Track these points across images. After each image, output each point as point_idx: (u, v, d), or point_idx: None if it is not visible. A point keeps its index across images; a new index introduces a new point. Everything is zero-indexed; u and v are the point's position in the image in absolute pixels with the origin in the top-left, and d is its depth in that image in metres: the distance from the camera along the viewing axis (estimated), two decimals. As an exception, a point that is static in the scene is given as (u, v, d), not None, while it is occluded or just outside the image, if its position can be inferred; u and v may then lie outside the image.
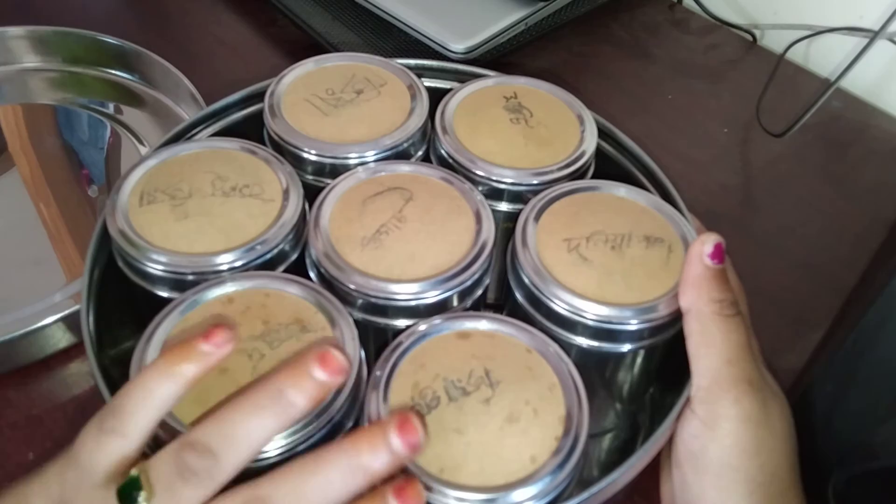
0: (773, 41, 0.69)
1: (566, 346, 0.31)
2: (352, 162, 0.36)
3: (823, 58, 0.66)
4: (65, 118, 0.57)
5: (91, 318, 0.32)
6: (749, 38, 0.69)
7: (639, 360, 0.34)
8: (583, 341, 0.31)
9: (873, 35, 0.58)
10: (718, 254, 0.31)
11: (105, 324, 0.33)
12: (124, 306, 0.34)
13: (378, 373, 0.29)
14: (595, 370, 0.33)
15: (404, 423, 0.25)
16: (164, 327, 0.29)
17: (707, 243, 0.31)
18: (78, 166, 0.54)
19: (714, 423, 0.29)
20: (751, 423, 0.29)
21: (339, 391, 0.28)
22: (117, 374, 0.30)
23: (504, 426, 0.27)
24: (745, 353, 0.30)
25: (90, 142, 0.56)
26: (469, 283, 0.32)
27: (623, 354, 0.32)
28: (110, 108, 0.58)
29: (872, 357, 0.36)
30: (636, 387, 0.36)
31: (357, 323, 0.31)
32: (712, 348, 0.30)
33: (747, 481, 0.29)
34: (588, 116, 0.39)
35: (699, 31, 0.70)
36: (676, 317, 0.32)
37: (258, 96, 0.40)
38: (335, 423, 0.28)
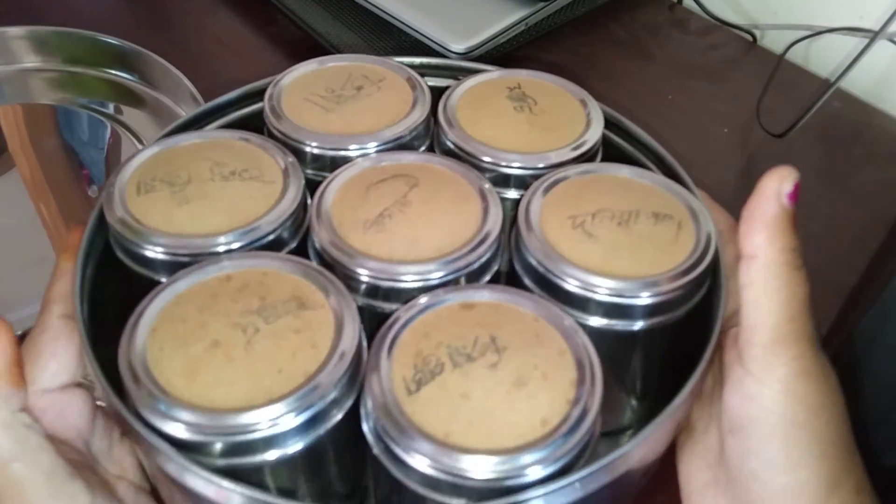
0: (773, 41, 0.69)
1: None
2: (353, 154, 0.36)
3: (823, 58, 0.66)
4: (65, 118, 0.58)
5: (85, 311, 0.31)
6: (749, 38, 0.69)
7: (651, 339, 0.32)
8: (593, 320, 0.30)
9: (873, 35, 0.58)
10: (796, 195, 0.27)
11: (100, 318, 0.32)
12: (121, 300, 0.33)
13: (379, 343, 0.28)
14: (606, 352, 0.32)
15: None
16: (157, 304, 0.29)
17: (787, 180, 0.27)
18: (78, 167, 0.54)
19: (773, 381, 0.27)
20: (812, 379, 0.27)
21: (338, 368, 0.27)
22: (115, 371, 0.30)
23: (512, 390, 0.27)
24: (808, 309, 0.27)
25: (90, 142, 0.56)
26: (476, 265, 0.31)
27: (635, 334, 0.31)
28: (110, 109, 0.58)
29: (873, 357, 0.36)
30: (649, 368, 0.35)
31: (361, 309, 0.30)
32: (777, 303, 0.27)
33: (817, 440, 0.26)
34: (593, 103, 0.39)
35: (699, 31, 0.70)
36: (690, 290, 0.30)
37: (257, 94, 0.40)
38: (331, 401, 0.27)
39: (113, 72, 0.60)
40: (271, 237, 0.32)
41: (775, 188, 0.27)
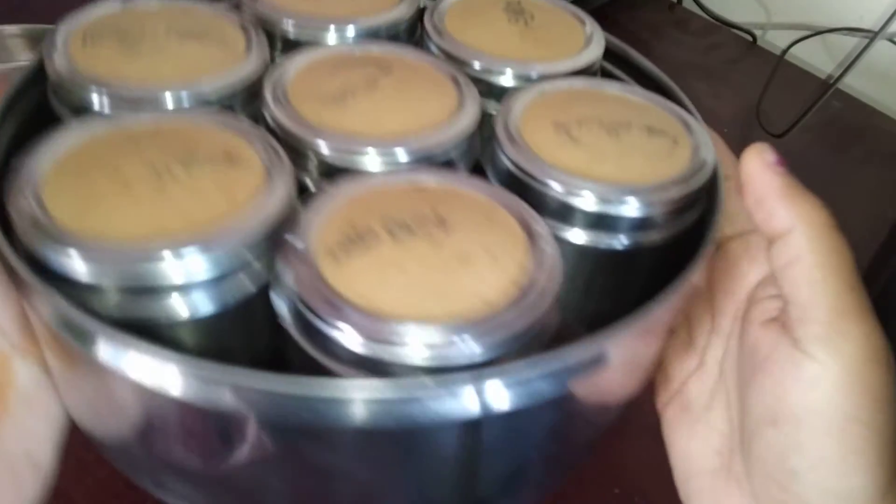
0: (773, 41, 0.69)
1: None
2: (326, 40, 0.33)
3: (823, 58, 0.66)
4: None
5: None
6: (749, 38, 0.69)
7: (637, 262, 0.29)
8: (573, 234, 0.27)
9: (873, 35, 0.58)
10: (782, 163, 0.25)
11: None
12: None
13: (307, 207, 0.25)
14: (587, 277, 0.29)
15: None
16: (69, 138, 0.25)
17: (766, 151, 0.25)
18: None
19: (837, 365, 0.22)
20: (882, 366, 0.22)
21: (253, 224, 0.23)
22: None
23: (456, 267, 0.23)
24: (858, 275, 0.23)
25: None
26: (441, 155, 0.28)
27: (619, 254, 0.27)
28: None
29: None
30: (634, 299, 0.32)
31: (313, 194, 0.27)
32: (830, 271, 0.23)
33: (879, 440, 0.22)
34: (595, 26, 0.36)
35: (699, 31, 0.70)
36: (682, 205, 0.27)
37: None
38: (243, 262, 0.23)
39: (110, 70, 0.59)
40: (222, 99, 0.29)
41: (760, 163, 0.25)
